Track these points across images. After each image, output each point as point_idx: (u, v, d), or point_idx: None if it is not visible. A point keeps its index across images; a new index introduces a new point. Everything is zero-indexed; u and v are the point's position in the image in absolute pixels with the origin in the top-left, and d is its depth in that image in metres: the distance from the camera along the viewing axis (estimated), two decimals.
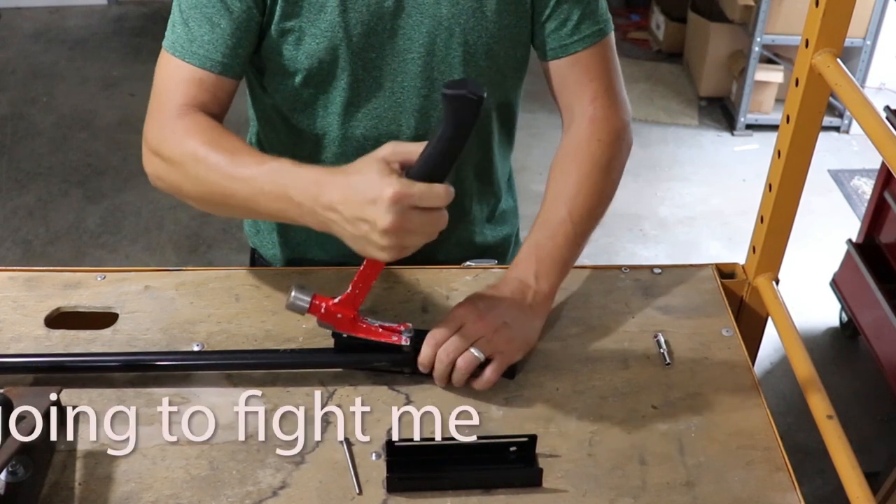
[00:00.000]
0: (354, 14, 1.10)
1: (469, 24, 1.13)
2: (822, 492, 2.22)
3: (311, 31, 1.11)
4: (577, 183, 1.16)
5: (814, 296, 2.89)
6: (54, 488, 0.95)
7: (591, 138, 1.18)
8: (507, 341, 1.05)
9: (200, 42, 1.10)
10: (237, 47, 1.11)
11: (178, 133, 1.08)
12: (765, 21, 3.58)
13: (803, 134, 1.14)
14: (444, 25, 1.13)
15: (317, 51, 1.12)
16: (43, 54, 4.32)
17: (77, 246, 3.13)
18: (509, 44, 1.17)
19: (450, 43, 1.14)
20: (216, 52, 1.10)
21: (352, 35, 1.11)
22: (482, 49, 1.15)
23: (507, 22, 1.15)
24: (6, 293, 1.18)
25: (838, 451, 1.01)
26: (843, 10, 1.04)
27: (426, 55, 1.14)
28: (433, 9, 1.12)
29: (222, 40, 1.10)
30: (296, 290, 1.03)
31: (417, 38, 1.13)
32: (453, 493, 0.97)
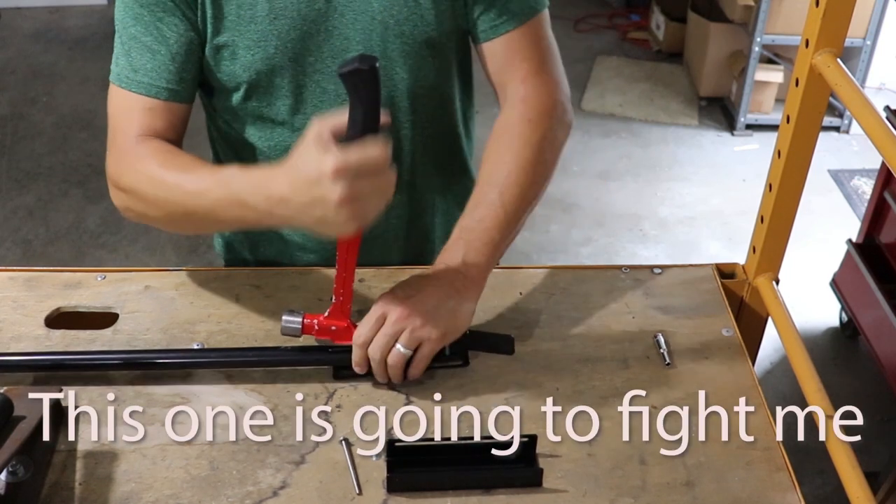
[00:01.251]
0: (285, 20, 1.09)
1: (402, 15, 1.12)
2: (822, 492, 2.22)
3: (244, 44, 1.11)
4: (508, 165, 1.13)
5: (814, 296, 2.89)
6: (54, 488, 0.95)
7: (521, 119, 1.15)
8: (431, 328, 1.02)
9: (144, 71, 1.11)
10: (181, 72, 1.11)
11: (134, 161, 1.10)
12: (765, 21, 3.58)
13: (803, 134, 1.14)
14: (378, 20, 1.11)
15: (253, 62, 1.12)
16: (43, 54, 4.32)
17: (77, 246, 3.13)
18: (449, 31, 1.16)
19: (386, 37, 1.12)
20: (160, 80, 1.11)
21: (286, 42, 1.11)
22: (420, 39, 1.14)
23: (443, 8, 1.13)
24: (6, 293, 1.18)
25: (838, 451, 1.01)
26: (843, 10, 1.04)
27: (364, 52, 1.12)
28: (364, 4, 1.11)
29: (164, 67, 1.11)
30: (286, 314, 1.06)
31: (353, 37, 1.12)
32: (453, 493, 0.97)
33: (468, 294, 1.07)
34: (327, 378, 1.09)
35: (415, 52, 1.15)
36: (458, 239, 1.10)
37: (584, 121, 3.89)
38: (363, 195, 0.90)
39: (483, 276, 1.10)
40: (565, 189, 3.40)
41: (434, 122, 1.24)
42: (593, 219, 3.32)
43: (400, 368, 1.04)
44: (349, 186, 0.89)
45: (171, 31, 1.10)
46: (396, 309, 1.03)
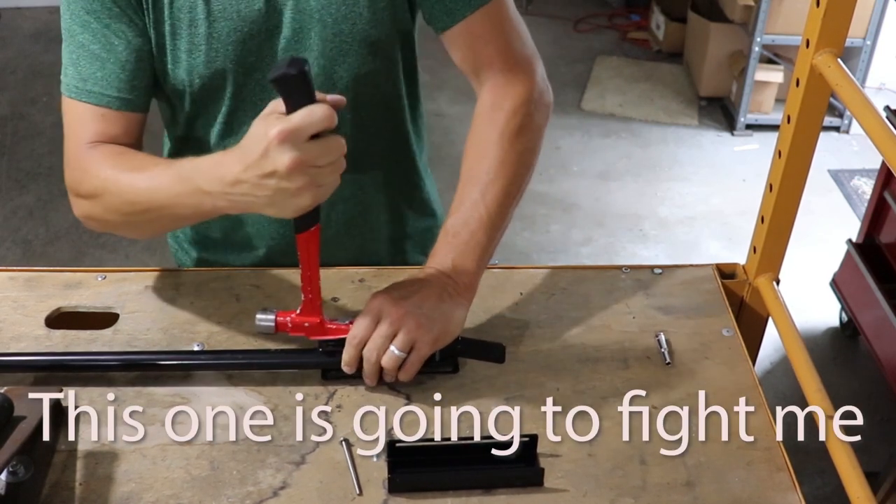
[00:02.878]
0: (225, 22, 1.09)
1: (340, 13, 1.10)
2: (823, 492, 2.22)
3: (185, 48, 1.10)
4: (488, 160, 1.10)
5: (814, 296, 2.90)
6: (54, 488, 0.95)
7: (495, 108, 1.13)
8: (425, 331, 1.02)
9: (93, 80, 1.09)
10: (132, 80, 1.10)
11: (88, 167, 1.10)
12: (765, 21, 3.58)
13: (804, 134, 1.14)
14: (316, 18, 1.10)
15: (195, 66, 1.11)
16: (43, 54, 4.32)
17: (77, 246, 3.13)
18: (388, 27, 1.14)
19: (324, 35, 1.11)
20: (110, 88, 1.10)
21: (227, 44, 1.10)
22: (359, 37, 1.12)
23: (381, 6, 1.12)
24: (6, 293, 1.18)
25: (838, 451, 1.01)
26: (843, 10, 1.04)
27: (304, 51, 1.12)
28: (303, 4, 1.09)
29: (114, 75, 1.09)
30: (259, 313, 1.06)
31: (293, 37, 1.11)
32: (454, 493, 0.97)
33: (460, 300, 1.07)
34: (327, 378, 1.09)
35: (353, 50, 1.13)
36: (445, 243, 1.09)
37: (584, 121, 3.89)
38: (313, 162, 0.88)
39: (474, 281, 1.09)
40: (565, 189, 3.41)
41: (377, 121, 1.22)
42: (593, 219, 3.32)
43: (394, 371, 1.03)
44: (297, 152, 0.87)
45: (119, 39, 1.08)
46: (392, 309, 1.02)
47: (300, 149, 0.87)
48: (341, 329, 1.05)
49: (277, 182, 0.89)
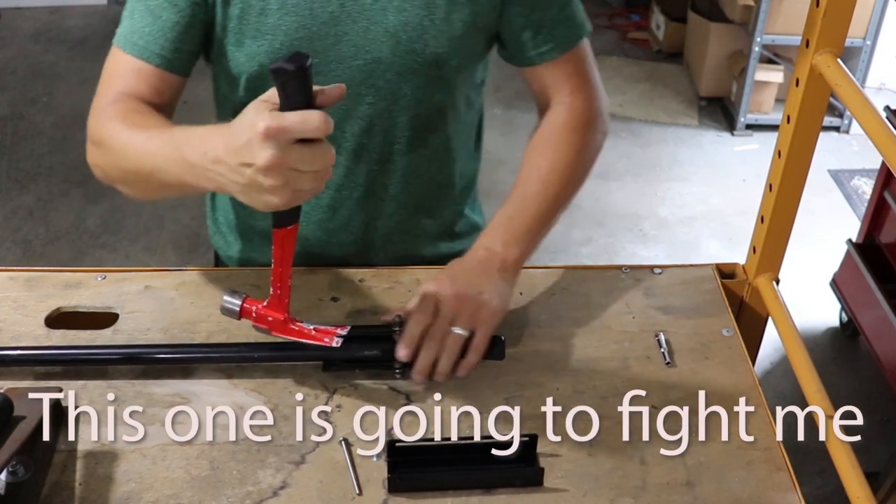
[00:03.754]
0: (295, 17, 1.09)
1: (416, 32, 1.11)
2: (823, 492, 2.22)
3: (251, 34, 1.10)
4: (552, 163, 1.18)
5: (814, 296, 2.90)
6: (54, 488, 0.95)
7: (566, 125, 1.20)
8: (485, 310, 1.04)
9: (140, 34, 1.11)
10: (177, 41, 1.11)
11: (103, 116, 1.09)
12: (765, 21, 3.58)
13: (803, 134, 1.14)
14: (391, 33, 1.11)
15: (257, 53, 1.11)
16: (43, 54, 4.32)
17: (77, 246, 3.13)
18: (460, 53, 1.16)
19: (396, 51, 1.12)
20: (154, 45, 1.11)
21: (293, 38, 1.10)
22: (429, 57, 1.13)
23: (459, 33, 1.13)
24: (6, 293, 1.18)
25: (838, 451, 1.01)
26: (843, 10, 1.04)
27: (371, 63, 1.13)
28: (379, 15, 1.10)
29: (162, 33, 1.10)
30: (227, 294, 1.04)
31: (363, 45, 1.12)
32: (454, 493, 0.97)
33: (507, 278, 1.10)
34: (327, 378, 1.09)
35: (422, 71, 1.14)
36: (499, 225, 1.13)
37: None
38: (293, 166, 0.85)
39: (520, 265, 1.13)
40: None
41: (433, 142, 1.23)
42: (593, 219, 3.32)
43: (455, 356, 1.04)
44: (280, 152, 0.84)
45: (176, 3, 1.10)
46: (449, 293, 1.03)
47: (283, 150, 0.84)
48: (304, 332, 1.04)
49: (253, 174, 0.86)
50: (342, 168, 1.20)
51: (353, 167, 1.21)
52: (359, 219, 1.26)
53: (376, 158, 1.20)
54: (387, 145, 1.19)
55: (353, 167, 1.21)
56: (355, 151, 1.19)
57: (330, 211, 1.25)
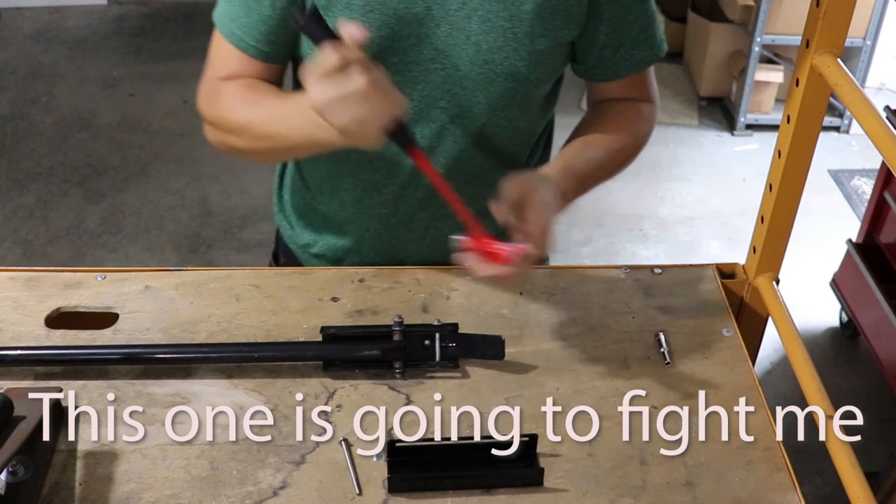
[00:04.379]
0: (379, 15, 1.09)
1: (498, 43, 1.12)
2: (823, 492, 2.22)
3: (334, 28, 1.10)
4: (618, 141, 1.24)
5: (814, 296, 2.90)
6: (54, 488, 0.95)
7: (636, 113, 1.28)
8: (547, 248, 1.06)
9: (238, 23, 1.13)
10: (269, 34, 1.13)
11: (220, 95, 1.15)
12: (765, 21, 3.58)
13: (803, 134, 1.14)
14: (473, 41, 1.11)
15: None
16: (43, 54, 4.32)
17: (77, 246, 3.13)
18: (539, 68, 1.17)
19: (475, 59, 1.13)
20: (249, 37, 1.14)
21: (375, 36, 1.09)
22: (508, 70, 1.14)
23: (541, 48, 1.14)
24: (6, 293, 1.18)
25: (838, 451, 1.01)
26: (843, 10, 1.04)
27: (449, 68, 1.13)
28: (463, 22, 1.10)
29: (255, 27, 1.13)
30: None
31: (443, 50, 1.12)
32: (454, 493, 0.97)
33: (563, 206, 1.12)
34: (327, 378, 1.09)
35: (499, 81, 1.15)
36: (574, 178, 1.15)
37: None
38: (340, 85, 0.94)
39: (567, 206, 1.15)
40: None
41: (502, 149, 1.24)
42: (593, 219, 3.32)
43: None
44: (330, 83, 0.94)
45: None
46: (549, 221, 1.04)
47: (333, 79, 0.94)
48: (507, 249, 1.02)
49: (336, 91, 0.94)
50: (408, 167, 1.21)
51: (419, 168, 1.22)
52: (420, 217, 1.27)
53: (443, 162, 1.21)
54: (455, 150, 1.20)
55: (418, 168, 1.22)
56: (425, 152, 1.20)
57: (392, 206, 1.26)
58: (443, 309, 1.18)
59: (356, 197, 1.26)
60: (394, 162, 1.21)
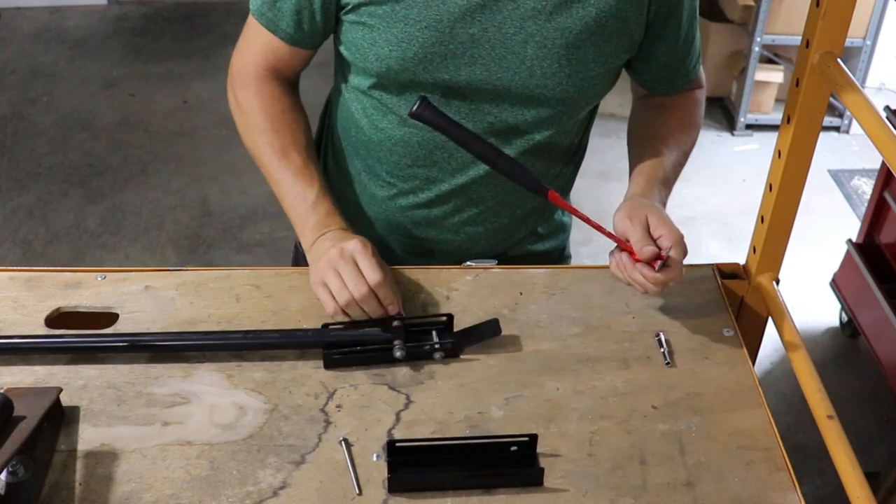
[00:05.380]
0: (435, 32, 1.09)
1: (552, 69, 1.12)
2: (822, 492, 2.22)
3: (386, 38, 1.11)
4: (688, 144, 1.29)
5: (814, 296, 2.90)
6: (54, 488, 0.95)
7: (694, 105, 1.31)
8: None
9: (270, 6, 1.16)
10: (304, 22, 1.16)
11: (254, 92, 1.22)
12: (765, 21, 3.58)
13: (803, 134, 1.14)
14: (527, 65, 1.12)
15: (388, 57, 1.12)
16: (43, 54, 4.32)
17: (77, 246, 3.13)
18: (590, 92, 1.18)
19: (528, 83, 1.13)
20: (282, 22, 1.16)
21: (427, 51, 1.11)
22: (559, 95, 1.15)
23: (594, 73, 1.15)
24: (6, 293, 1.18)
25: (838, 451, 1.01)
26: (843, 10, 1.04)
27: (501, 89, 1.14)
28: (519, 47, 1.11)
29: (289, 13, 1.15)
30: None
31: (496, 72, 1.13)
32: (454, 493, 0.97)
33: None
34: (327, 378, 1.09)
35: (550, 103, 1.17)
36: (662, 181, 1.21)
37: None
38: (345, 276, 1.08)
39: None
40: None
41: (541, 167, 1.26)
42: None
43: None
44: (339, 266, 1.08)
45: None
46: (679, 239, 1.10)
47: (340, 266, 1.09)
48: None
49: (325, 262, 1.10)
50: (451, 173, 1.24)
51: (460, 177, 1.23)
52: (452, 220, 1.29)
53: (483, 175, 1.23)
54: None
55: (459, 177, 1.23)
56: (463, 162, 1.22)
57: (426, 208, 1.28)
58: (443, 309, 1.18)
59: (390, 195, 1.28)
60: (434, 169, 1.22)
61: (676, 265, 1.08)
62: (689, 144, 1.30)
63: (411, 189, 1.27)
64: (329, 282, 1.09)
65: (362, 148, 1.27)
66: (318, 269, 1.10)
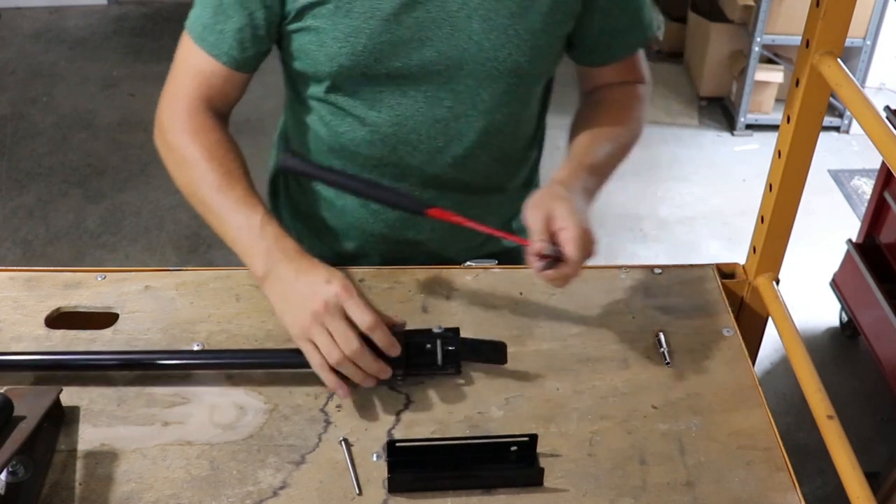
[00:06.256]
0: (380, 21, 1.09)
1: (500, 40, 1.12)
2: (822, 492, 2.22)
3: (334, 35, 1.11)
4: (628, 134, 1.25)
5: (814, 296, 2.90)
6: (54, 488, 0.95)
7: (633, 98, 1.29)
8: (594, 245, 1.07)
9: (211, 30, 1.13)
10: (246, 42, 1.14)
11: (186, 128, 1.16)
12: (765, 21, 3.58)
13: (803, 134, 1.14)
14: (475, 40, 1.12)
15: (338, 55, 1.12)
16: (43, 54, 4.32)
17: (77, 246, 3.13)
18: (541, 62, 1.18)
19: (478, 58, 1.13)
20: (224, 44, 1.14)
21: (376, 42, 1.10)
22: (511, 66, 1.15)
23: (542, 43, 1.15)
24: (6, 293, 1.18)
25: (838, 451, 1.01)
26: (843, 10, 1.04)
27: (452, 68, 1.13)
28: (464, 23, 1.11)
29: (232, 34, 1.13)
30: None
31: (446, 51, 1.12)
32: (454, 493, 0.97)
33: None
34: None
35: (503, 77, 1.16)
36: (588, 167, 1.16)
37: None
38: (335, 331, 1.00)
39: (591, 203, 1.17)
40: None
41: (504, 145, 1.25)
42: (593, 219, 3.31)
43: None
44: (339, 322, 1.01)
45: (251, 3, 1.11)
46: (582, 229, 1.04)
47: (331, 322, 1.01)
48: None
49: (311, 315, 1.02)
50: (417, 168, 1.23)
51: (427, 168, 1.23)
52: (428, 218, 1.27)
53: (450, 161, 1.22)
54: (460, 148, 1.21)
55: (426, 168, 1.23)
56: (429, 153, 1.21)
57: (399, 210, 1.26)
58: (443, 309, 1.18)
59: (360, 202, 1.27)
60: (402, 164, 1.21)
61: (571, 264, 1.01)
62: (627, 137, 1.26)
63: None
64: (316, 339, 1.01)
65: (325, 159, 1.25)
66: (301, 323, 1.02)
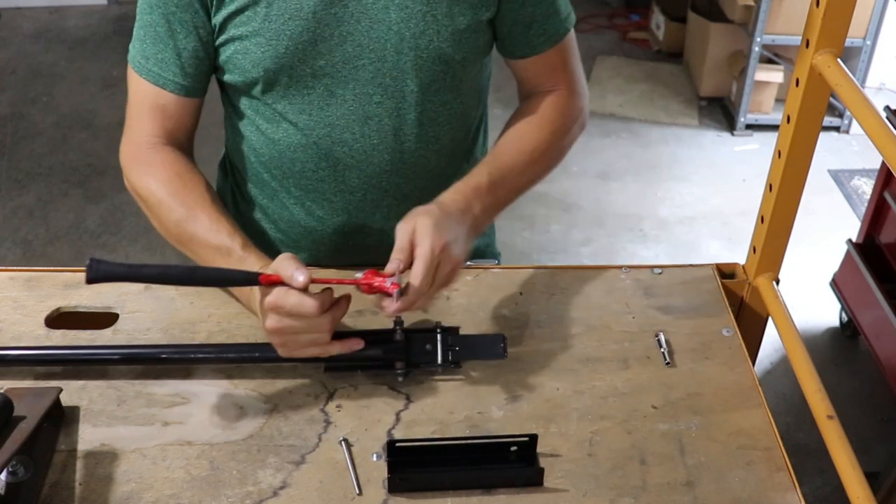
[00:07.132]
0: (299, 21, 1.10)
1: (419, 28, 1.12)
2: (822, 492, 2.22)
3: (256, 41, 1.11)
4: (534, 141, 1.21)
5: (814, 296, 2.89)
6: (54, 488, 0.95)
7: (551, 105, 1.24)
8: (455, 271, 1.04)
9: (154, 60, 1.14)
10: (187, 67, 1.15)
11: (145, 169, 1.16)
12: (765, 21, 3.58)
13: (803, 134, 1.14)
14: (394, 30, 1.12)
15: (262, 59, 1.12)
16: (43, 54, 4.32)
17: (77, 246, 3.13)
18: (464, 48, 1.17)
19: (400, 48, 1.13)
20: (167, 72, 1.15)
21: (297, 42, 1.11)
22: (434, 53, 1.14)
23: (462, 27, 1.14)
24: (6, 293, 1.18)
25: (838, 451, 1.01)
26: (843, 10, 1.04)
27: (377, 61, 1.13)
28: (382, 14, 1.11)
29: (171, 60, 1.14)
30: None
31: (367, 45, 1.12)
32: (454, 493, 0.97)
33: (471, 240, 1.10)
34: (327, 378, 1.09)
35: (427, 66, 1.15)
36: (482, 187, 1.13)
37: None
38: (289, 332, 0.99)
39: (481, 232, 1.16)
40: (565, 189, 3.40)
41: (441, 136, 1.24)
42: (593, 219, 3.32)
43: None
44: (277, 321, 0.98)
45: (181, 27, 1.12)
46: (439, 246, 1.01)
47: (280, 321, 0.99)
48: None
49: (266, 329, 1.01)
50: (356, 169, 1.22)
51: (366, 167, 1.22)
52: (379, 214, 1.27)
53: (388, 158, 1.21)
54: (397, 143, 1.20)
55: (365, 167, 1.22)
56: (365, 152, 1.20)
57: (345, 214, 1.26)
58: (443, 309, 1.18)
59: (306, 210, 1.26)
60: (339, 166, 1.21)
61: (413, 292, 0.99)
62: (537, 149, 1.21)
63: (324, 195, 1.25)
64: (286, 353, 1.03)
65: (265, 171, 1.25)
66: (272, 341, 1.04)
